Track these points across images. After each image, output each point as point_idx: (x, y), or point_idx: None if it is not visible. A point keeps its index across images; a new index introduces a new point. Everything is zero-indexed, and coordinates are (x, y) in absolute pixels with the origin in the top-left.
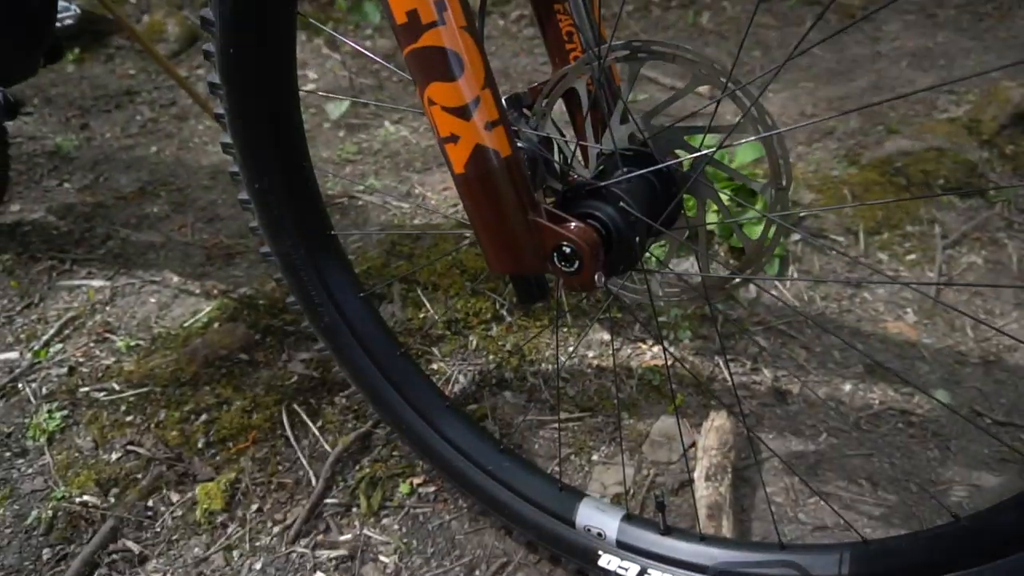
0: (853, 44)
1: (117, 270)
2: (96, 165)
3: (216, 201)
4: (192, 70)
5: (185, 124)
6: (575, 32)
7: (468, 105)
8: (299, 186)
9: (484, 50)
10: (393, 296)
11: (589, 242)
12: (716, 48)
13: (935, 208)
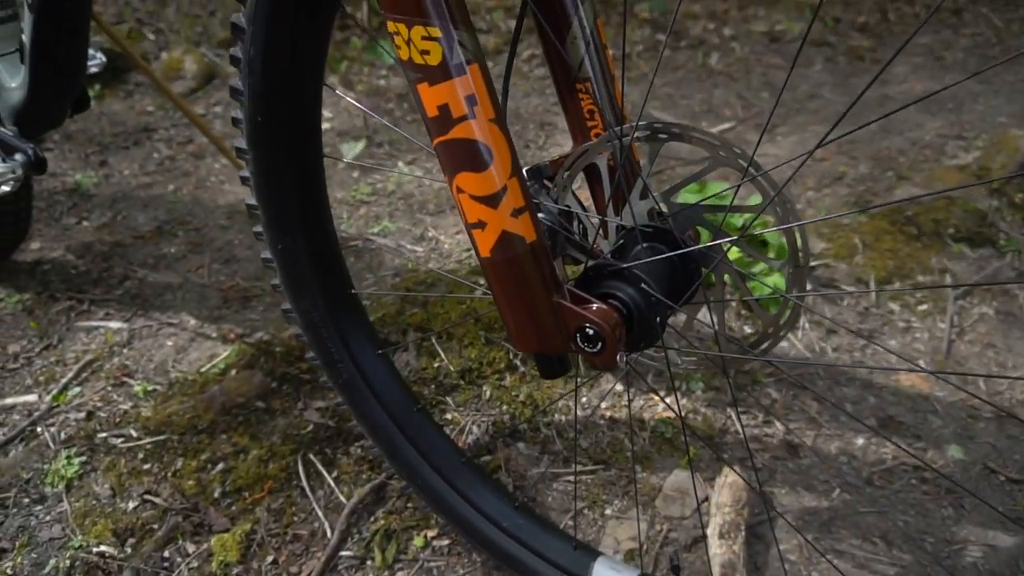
0: (861, 86)
1: (135, 311)
2: (114, 203)
3: (232, 242)
4: (209, 107)
5: (202, 162)
6: (596, 110)
7: (496, 194)
8: (321, 247)
9: (511, 139)
10: (408, 345)
11: (611, 324)
12: (725, 89)
13: (946, 258)
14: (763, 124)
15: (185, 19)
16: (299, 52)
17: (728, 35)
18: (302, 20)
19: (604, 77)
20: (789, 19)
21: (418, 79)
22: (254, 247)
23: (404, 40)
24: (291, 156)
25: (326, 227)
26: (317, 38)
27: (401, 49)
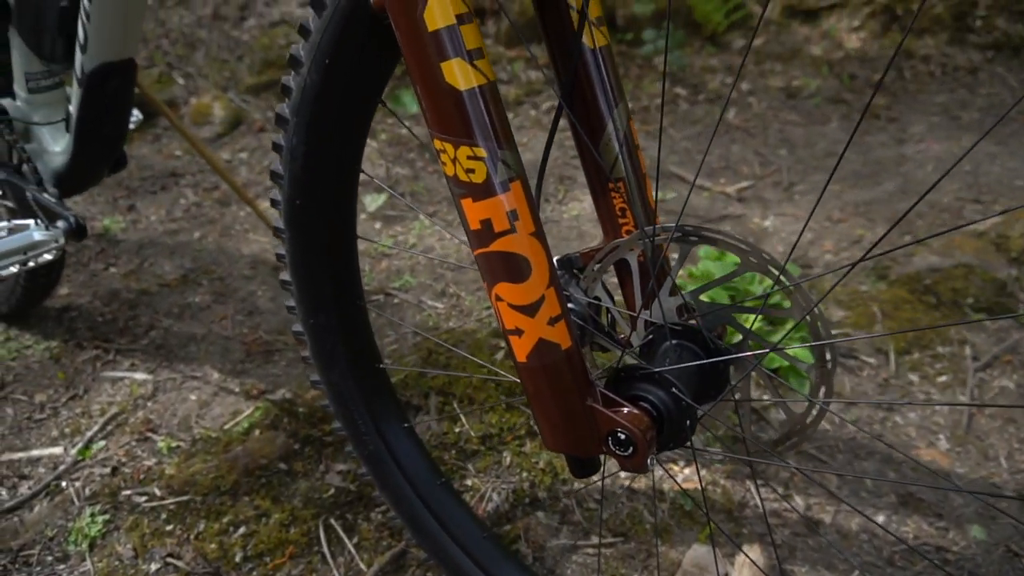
0: (878, 146)
1: (159, 363)
2: (141, 249)
3: (256, 292)
4: (235, 153)
5: (227, 210)
6: (628, 209)
7: (533, 304)
8: (352, 323)
9: (549, 250)
10: (430, 408)
11: (643, 429)
12: (742, 145)
13: (965, 329)
14: (782, 182)
15: (214, 64)
16: (340, 142)
17: (745, 90)
18: (345, 114)
19: (636, 177)
20: (806, 75)
21: (462, 194)
22: (276, 299)
23: (450, 158)
24: (327, 237)
25: (357, 303)
26: (358, 129)
27: (447, 165)
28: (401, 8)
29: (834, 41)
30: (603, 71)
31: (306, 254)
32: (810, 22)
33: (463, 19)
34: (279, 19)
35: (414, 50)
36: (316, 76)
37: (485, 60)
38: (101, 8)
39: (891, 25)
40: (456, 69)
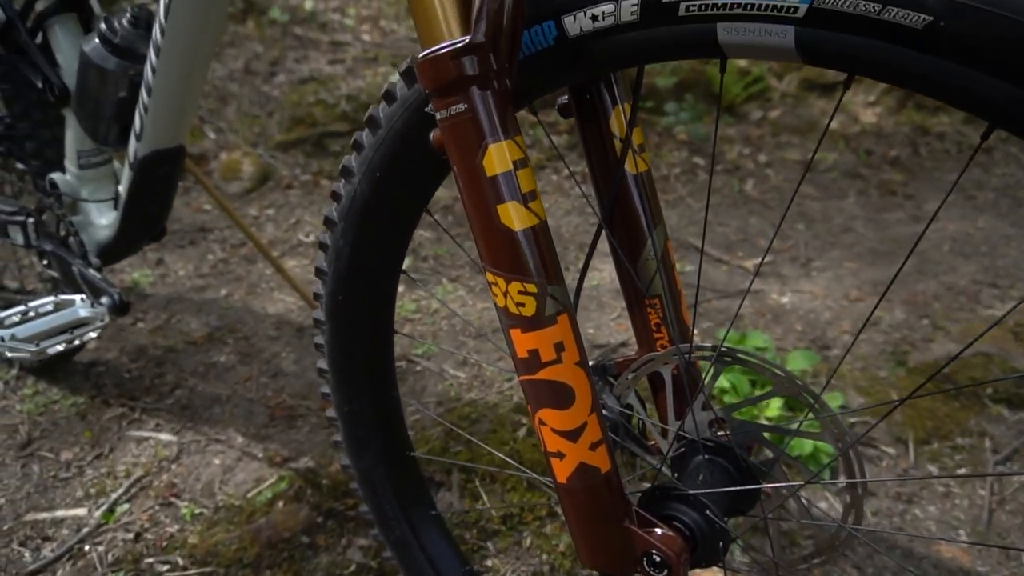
0: (895, 223)
1: (184, 424)
2: (169, 304)
3: (280, 354)
4: (262, 209)
5: (253, 267)
6: (663, 324)
7: (576, 429)
8: (385, 412)
9: (592, 378)
10: (452, 485)
11: (678, 551)
12: (760, 218)
13: (985, 420)
14: (799, 257)
15: (244, 119)
16: (384, 246)
17: (763, 161)
18: (390, 222)
19: (672, 295)
20: (822, 149)
21: (512, 325)
22: (300, 361)
23: (502, 291)
24: (365, 330)
25: (391, 393)
26: (402, 235)
27: (498, 297)
28: (461, 154)
29: (850, 115)
30: (643, 195)
31: (344, 346)
32: (827, 95)
33: (519, 164)
34: (308, 76)
35: (472, 192)
36: (366, 187)
37: (538, 201)
38: (159, 102)
39: (906, 102)
40: (511, 211)
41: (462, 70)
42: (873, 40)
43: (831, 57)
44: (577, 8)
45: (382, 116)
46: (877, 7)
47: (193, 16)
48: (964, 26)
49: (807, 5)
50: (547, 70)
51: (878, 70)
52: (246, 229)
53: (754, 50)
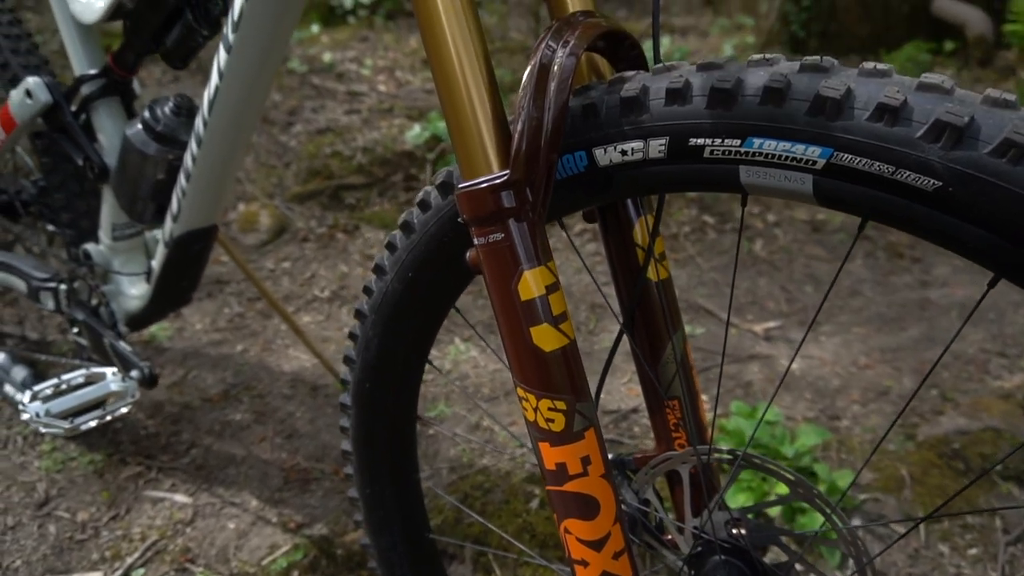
0: (903, 287)
1: (199, 485)
2: (186, 359)
3: (294, 414)
4: (279, 262)
5: (269, 323)
6: (681, 425)
7: (600, 539)
8: (407, 494)
9: (617, 489)
10: (465, 558)
11: None
12: (768, 279)
13: (995, 498)
14: (808, 321)
15: (262, 169)
16: (412, 340)
17: (772, 221)
18: (420, 318)
19: (691, 397)
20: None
21: (541, 439)
22: (314, 421)
23: (532, 407)
24: (390, 417)
25: (413, 476)
26: (430, 329)
27: (528, 412)
28: (497, 278)
29: None
30: (664, 301)
31: (369, 431)
32: None
33: (551, 288)
34: (325, 126)
35: (506, 314)
36: (398, 285)
37: (568, 322)
38: (196, 187)
39: None
40: (543, 334)
41: (500, 204)
42: (887, 195)
43: (847, 204)
44: (608, 143)
45: (416, 222)
46: (891, 168)
47: (235, 111)
48: (970, 193)
49: (825, 159)
50: (577, 193)
51: (891, 219)
52: (272, 299)
53: (774, 191)
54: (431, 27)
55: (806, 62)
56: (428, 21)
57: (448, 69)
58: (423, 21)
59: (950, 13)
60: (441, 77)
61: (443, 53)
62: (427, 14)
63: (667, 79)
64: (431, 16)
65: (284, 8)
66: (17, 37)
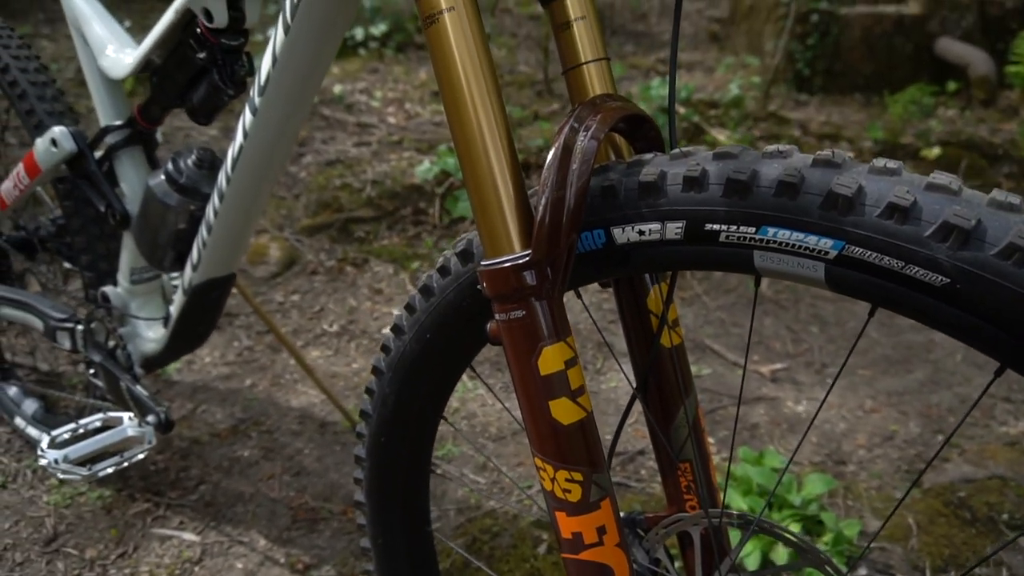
0: (908, 328)
1: (207, 523)
2: (195, 393)
3: (303, 451)
4: (288, 295)
5: (278, 357)
6: (693, 488)
7: None
8: (418, 546)
9: (631, 557)
10: None
11: None
12: (775, 319)
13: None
14: (814, 363)
15: (272, 201)
16: (428, 396)
17: None
18: (436, 376)
19: (703, 461)
20: None
21: (558, 508)
22: (322, 459)
23: (550, 477)
24: (404, 469)
25: (425, 528)
26: (445, 387)
27: (546, 482)
28: (517, 353)
29: None
30: (676, 366)
31: (382, 482)
32: None
33: (569, 363)
34: (335, 157)
35: (526, 387)
36: (416, 345)
37: (585, 395)
38: (217, 239)
39: None
40: (562, 407)
41: (522, 283)
42: (896, 286)
43: (858, 292)
44: (626, 223)
45: (436, 286)
46: (900, 263)
47: (258, 169)
48: (976, 291)
49: (837, 251)
50: (594, 267)
51: (900, 308)
52: (282, 336)
53: (787, 275)
54: (458, 113)
55: (819, 157)
56: (455, 108)
57: (474, 153)
58: (451, 107)
59: (953, 53)
60: (466, 158)
61: (469, 137)
62: (455, 102)
63: (684, 165)
64: (458, 104)
65: (309, 75)
66: (43, 84)
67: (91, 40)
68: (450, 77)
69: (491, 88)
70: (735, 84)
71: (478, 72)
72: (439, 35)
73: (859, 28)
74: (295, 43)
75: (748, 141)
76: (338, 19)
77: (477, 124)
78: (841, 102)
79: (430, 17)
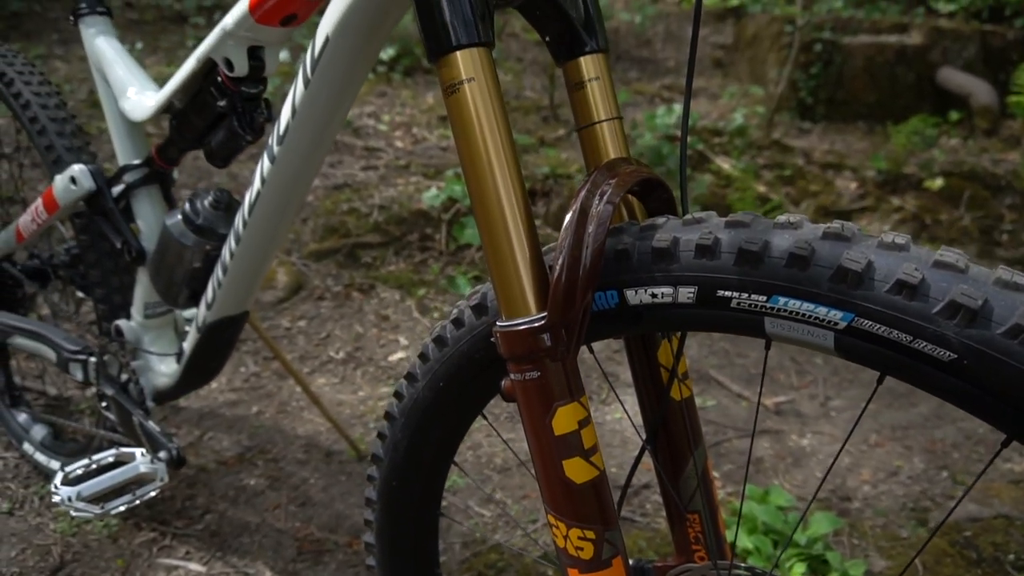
0: None
1: (213, 553)
2: (202, 419)
3: (308, 480)
4: (295, 320)
5: (284, 384)
6: (703, 538)
7: None
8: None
9: None
10: None
11: None
12: (778, 349)
13: None
14: (818, 396)
15: None
16: (439, 442)
17: None
18: (448, 423)
19: (711, 511)
20: None
21: (570, 565)
22: (328, 489)
23: (562, 535)
24: (414, 513)
25: (434, 570)
26: (456, 433)
27: (558, 539)
28: (532, 412)
29: None
30: (686, 419)
31: (393, 525)
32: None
33: (583, 423)
34: (343, 181)
35: (540, 447)
36: (428, 393)
37: (598, 454)
38: (232, 279)
39: (920, 233)
40: (575, 466)
41: (538, 345)
42: (905, 358)
43: (866, 360)
44: (639, 285)
45: (450, 337)
46: (909, 337)
47: (274, 214)
48: (983, 367)
49: (847, 323)
50: (606, 325)
51: (908, 377)
52: (289, 367)
53: (797, 341)
54: (477, 179)
55: (829, 229)
56: (474, 173)
57: (491, 217)
58: (469, 172)
59: (955, 83)
60: (484, 221)
61: (487, 202)
62: (474, 168)
63: (697, 232)
64: (477, 170)
65: (326, 126)
66: (63, 120)
67: (112, 82)
68: (469, 144)
69: (508, 155)
70: (739, 113)
71: (496, 140)
72: (459, 104)
73: (862, 57)
74: (314, 96)
75: (752, 170)
76: (356, 74)
77: (495, 190)
78: (844, 130)
79: (451, 87)
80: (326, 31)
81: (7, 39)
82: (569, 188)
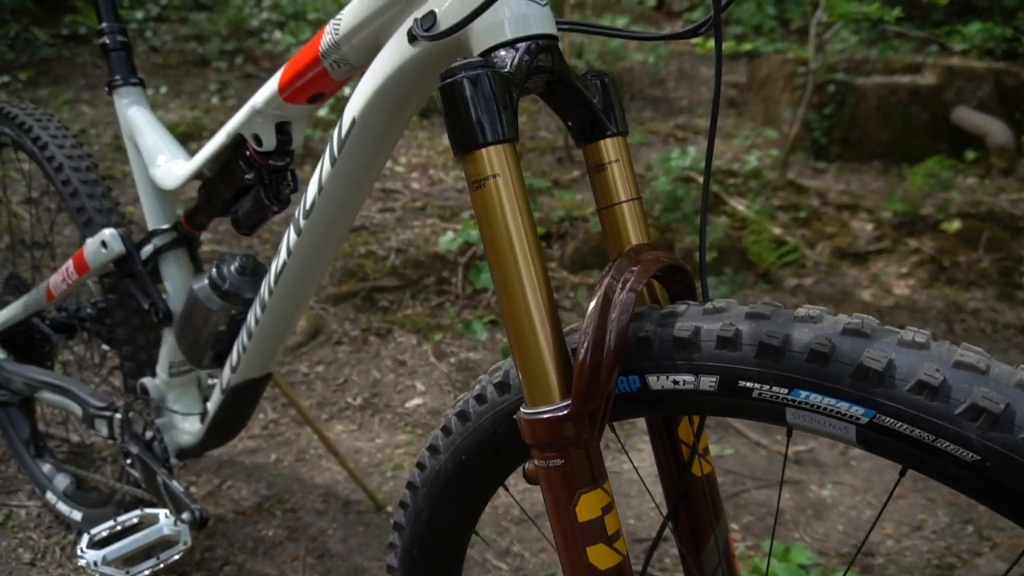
0: None
1: None
2: (221, 467)
3: (327, 531)
4: (312, 365)
5: (302, 431)
6: None
7: None
8: None
9: None
10: None
11: None
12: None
13: None
14: (838, 445)
15: None
16: (460, 513)
17: None
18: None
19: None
20: None
21: None
22: (346, 541)
23: None
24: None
25: None
26: (478, 503)
27: None
28: (556, 498)
29: (883, 286)
30: (707, 494)
31: None
32: (859, 264)
33: (606, 509)
34: (360, 223)
35: (564, 533)
36: (451, 465)
37: (621, 539)
38: (257, 344)
39: (938, 275)
40: (599, 552)
41: (562, 432)
42: (926, 455)
43: (888, 454)
44: (661, 372)
45: (472, 412)
46: (931, 436)
47: (299, 284)
48: (1006, 470)
49: (869, 418)
50: (629, 407)
51: (930, 473)
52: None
53: (819, 432)
54: (502, 271)
55: (849, 325)
56: (499, 266)
57: (516, 307)
58: (494, 265)
59: (970, 122)
60: (509, 311)
61: (512, 293)
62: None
63: (718, 323)
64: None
65: (352, 201)
66: (94, 182)
67: (143, 149)
68: (495, 235)
69: (533, 247)
70: (753, 156)
71: (521, 233)
72: (485, 199)
73: (875, 98)
74: (340, 175)
75: (767, 211)
76: (380, 153)
77: (519, 280)
78: (859, 170)
79: (477, 182)
80: (352, 114)
81: (36, 84)
82: (584, 231)
